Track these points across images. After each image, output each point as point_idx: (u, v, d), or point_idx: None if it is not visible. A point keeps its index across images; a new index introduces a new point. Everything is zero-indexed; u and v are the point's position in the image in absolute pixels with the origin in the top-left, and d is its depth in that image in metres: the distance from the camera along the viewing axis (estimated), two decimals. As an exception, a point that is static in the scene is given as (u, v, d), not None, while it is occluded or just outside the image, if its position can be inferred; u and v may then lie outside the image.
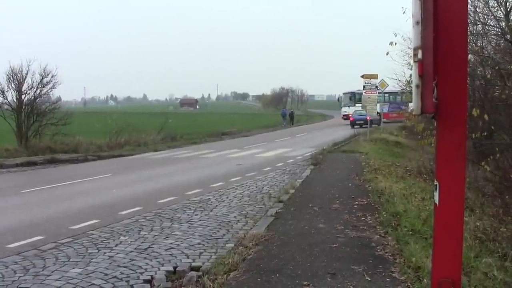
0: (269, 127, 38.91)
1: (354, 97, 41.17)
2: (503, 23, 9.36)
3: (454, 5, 1.83)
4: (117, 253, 5.59)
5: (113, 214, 7.75)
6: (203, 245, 5.91)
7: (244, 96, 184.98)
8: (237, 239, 5.97)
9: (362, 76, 23.37)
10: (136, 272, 4.91)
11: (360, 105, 37.33)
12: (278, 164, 14.22)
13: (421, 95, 1.82)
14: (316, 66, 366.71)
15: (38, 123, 19.62)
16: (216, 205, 8.31)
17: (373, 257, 4.86)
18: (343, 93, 46.14)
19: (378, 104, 37.32)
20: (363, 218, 6.66)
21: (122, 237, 6.30)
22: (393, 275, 4.31)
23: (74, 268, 5.08)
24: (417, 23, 1.79)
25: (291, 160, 15.28)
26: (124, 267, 5.09)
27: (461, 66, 1.87)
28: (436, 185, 1.93)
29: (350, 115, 38.82)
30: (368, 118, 28.83)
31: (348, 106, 41.24)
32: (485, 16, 9.96)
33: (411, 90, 1.92)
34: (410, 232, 5.70)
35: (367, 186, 9.56)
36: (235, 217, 7.42)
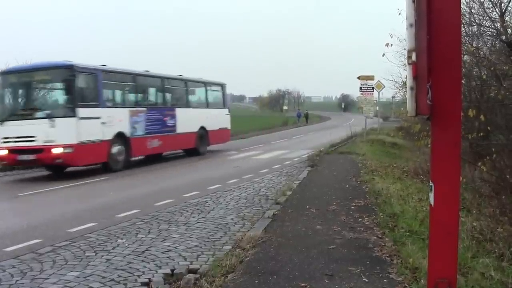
0: (266, 129, 38.87)
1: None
2: (498, 24, 9.40)
3: (448, 8, 1.84)
4: (115, 256, 5.58)
5: (110, 216, 7.74)
6: (201, 247, 5.91)
7: (241, 98, 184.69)
8: (234, 241, 5.98)
9: (359, 78, 23.45)
10: (134, 275, 4.90)
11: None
12: (275, 166, 14.22)
13: (416, 97, 1.84)
14: (313, 68, 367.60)
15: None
16: (214, 208, 8.30)
17: (371, 258, 4.87)
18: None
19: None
20: (360, 220, 6.67)
21: (119, 240, 6.29)
22: (391, 276, 4.32)
23: (71, 271, 5.07)
24: (411, 25, 1.81)
25: (288, 162, 15.28)
26: (122, 270, 5.08)
27: (455, 67, 1.89)
28: (431, 186, 1.95)
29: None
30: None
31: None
32: (480, 17, 10.01)
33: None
34: (407, 233, 5.71)
35: (364, 187, 9.57)
36: (232, 219, 7.42)
